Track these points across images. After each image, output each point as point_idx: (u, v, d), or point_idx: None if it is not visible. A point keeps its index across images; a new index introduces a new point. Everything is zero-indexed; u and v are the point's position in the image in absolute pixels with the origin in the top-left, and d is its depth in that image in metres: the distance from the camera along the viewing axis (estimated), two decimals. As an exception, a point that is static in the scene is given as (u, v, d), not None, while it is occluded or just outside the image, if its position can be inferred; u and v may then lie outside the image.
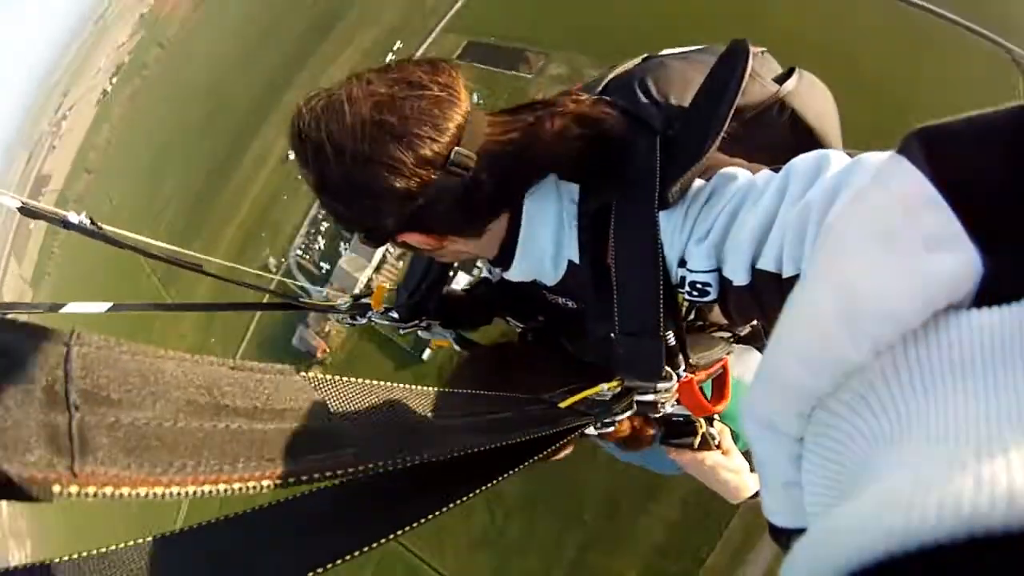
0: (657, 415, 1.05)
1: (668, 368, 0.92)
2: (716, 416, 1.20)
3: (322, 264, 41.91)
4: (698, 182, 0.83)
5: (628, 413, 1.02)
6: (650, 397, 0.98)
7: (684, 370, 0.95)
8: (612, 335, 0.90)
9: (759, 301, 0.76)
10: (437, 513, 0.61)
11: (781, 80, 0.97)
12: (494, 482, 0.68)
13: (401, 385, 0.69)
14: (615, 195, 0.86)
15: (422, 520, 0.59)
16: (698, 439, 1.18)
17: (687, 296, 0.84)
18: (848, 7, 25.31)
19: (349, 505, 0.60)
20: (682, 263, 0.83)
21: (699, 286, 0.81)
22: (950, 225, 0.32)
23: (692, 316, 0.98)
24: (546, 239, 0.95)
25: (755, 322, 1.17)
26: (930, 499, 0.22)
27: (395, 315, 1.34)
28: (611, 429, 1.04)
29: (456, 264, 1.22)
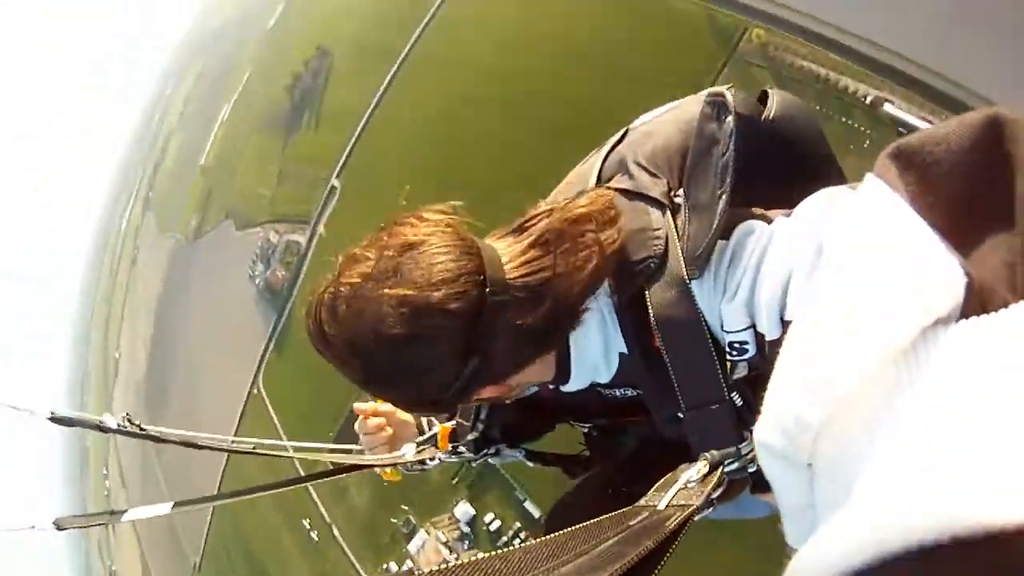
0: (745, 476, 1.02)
1: (744, 431, 0.90)
2: None
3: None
4: (719, 243, 0.84)
5: (721, 489, 0.98)
6: (736, 464, 0.95)
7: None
8: (680, 414, 0.88)
9: None
10: None
11: (759, 105, 0.98)
12: None
13: (511, 548, 0.67)
14: (643, 278, 0.87)
15: None
16: None
17: (728, 356, 0.85)
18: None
19: None
20: (721, 325, 0.84)
21: (737, 345, 0.82)
22: (931, 242, 0.33)
23: (745, 372, 0.99)
24: (595, 341, 0.93)
25: None
26: (924, 504, 0.23)
27: (463, 450, 1.29)
28: (710, 510, 1.00)
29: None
